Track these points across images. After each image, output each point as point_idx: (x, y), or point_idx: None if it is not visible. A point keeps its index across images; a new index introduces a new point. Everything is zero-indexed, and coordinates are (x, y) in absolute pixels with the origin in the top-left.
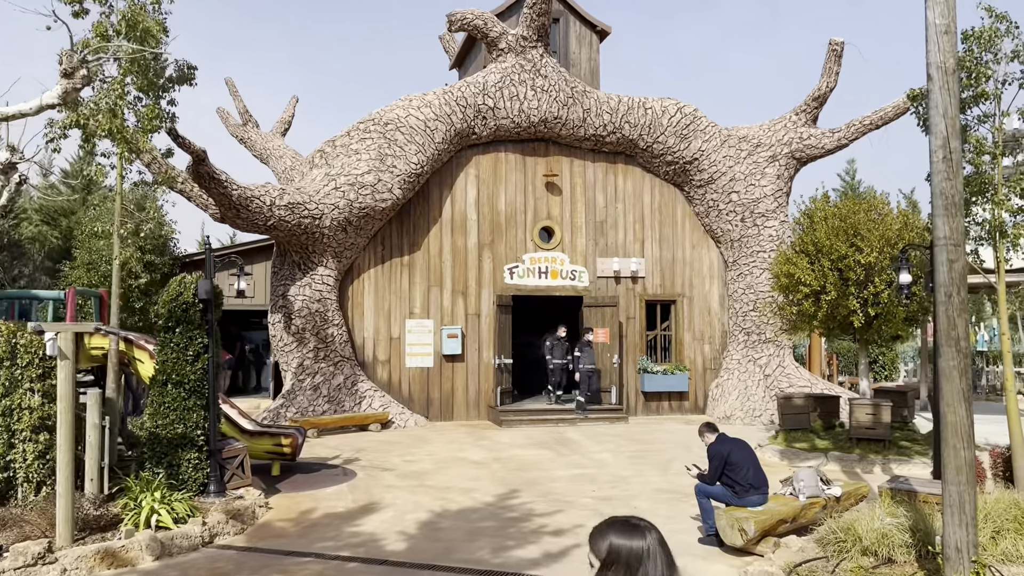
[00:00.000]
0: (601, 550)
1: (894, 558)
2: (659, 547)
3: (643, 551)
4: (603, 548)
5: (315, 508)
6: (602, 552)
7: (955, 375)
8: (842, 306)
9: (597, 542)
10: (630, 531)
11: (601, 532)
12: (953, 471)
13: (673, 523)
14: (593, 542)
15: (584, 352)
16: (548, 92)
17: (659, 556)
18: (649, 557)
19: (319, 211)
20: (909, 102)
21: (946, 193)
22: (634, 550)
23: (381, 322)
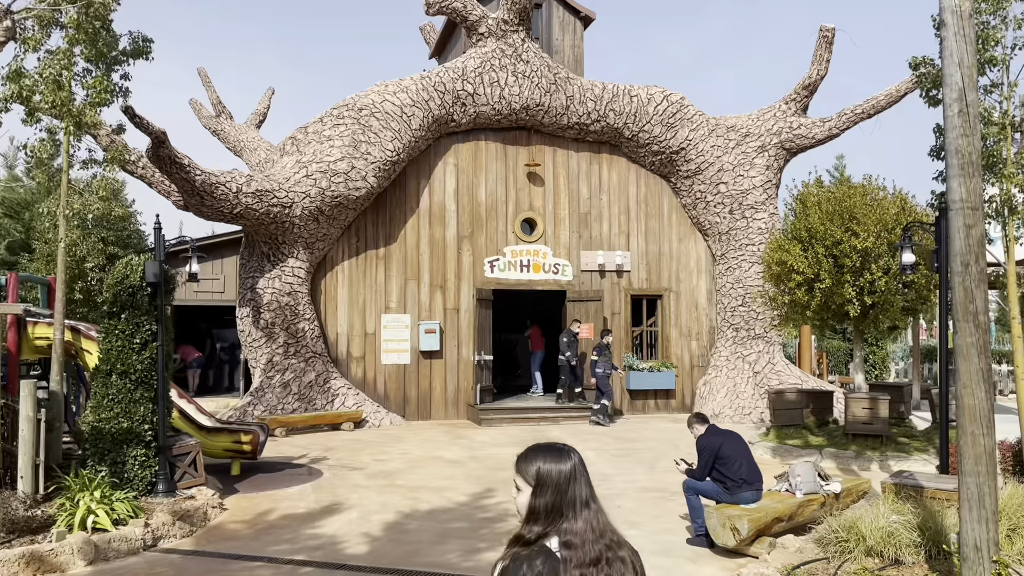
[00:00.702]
0: (530, 474)
1: (902, 559)
2: (583, 468)
3: (571, 472)
4: (532, 472)
5: (273, 509)
6: (531, 476)
7: (973, 353)
8: (837, 294)
9: (525, 467)
10: (557, 454)
11: (527, 458)
12: (971, 461)
13: (660, 522)
14: (520, 467)
15: (603, 355)
16: (530, 78)
17: (583, 477)
18: (575, 478)
19: (289, 199)
20: (911, 70)
21: (962, 151)
22: (563, 472)
23: (355, 317)
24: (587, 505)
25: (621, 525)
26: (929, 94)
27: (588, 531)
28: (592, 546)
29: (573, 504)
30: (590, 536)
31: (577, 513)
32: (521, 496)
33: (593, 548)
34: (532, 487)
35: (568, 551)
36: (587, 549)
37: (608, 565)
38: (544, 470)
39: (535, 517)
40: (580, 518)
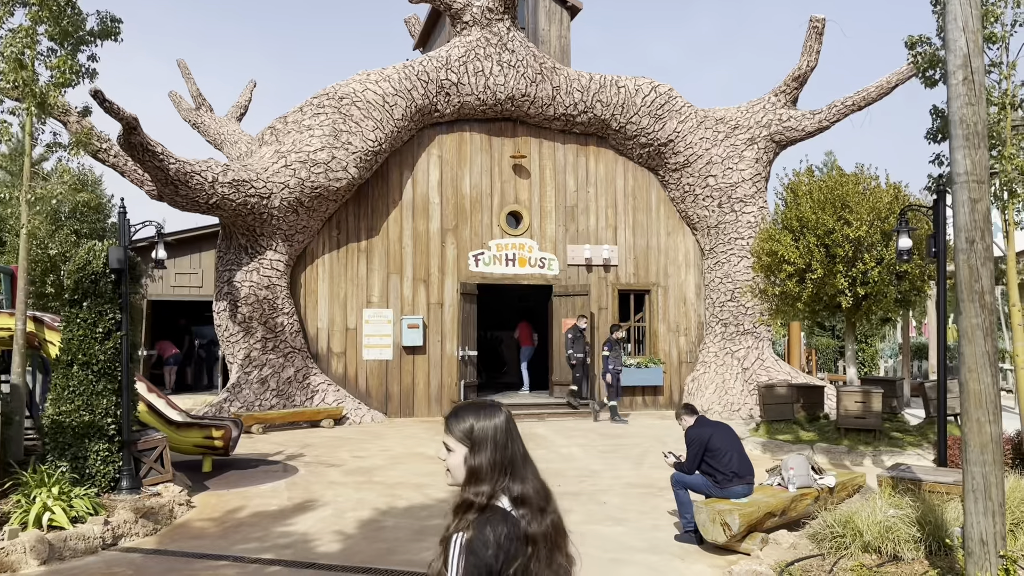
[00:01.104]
0: (463, 432)
1: (900, 555)
2: (514, 423)
3: (506, 426)
4: (465, 430)
5: (244, 506)
6: (464, 434)
7: (978, 335)
8: (829, 285)
9: (456, 425)
10: (488, 409)
11: (458, 416)
12: (977, 449)
13: (647, 519)
14: (451, 427)
15: (613, 351)
16: (515, 68)
17: (516, 432)
18: (511, 433)
19: (267, 190)
20: (907, 50)
21: (967, 121)
22: (498, 427)
23: (336, 311)
24: (526, 460)
25: (607, 521)
26: (926, 74)
27: (535, 486)
28: (541, 501)
29: (514, 460)
30: (540, 490)
31: (520, 468)
32: (454, 457)
33: (542, 503)
34: (468, 446)
35: (522, 508)
36: (538, 504)
37: (557, 522)
38: (479, 427)
39: (478, 477)
40: (526, 473)
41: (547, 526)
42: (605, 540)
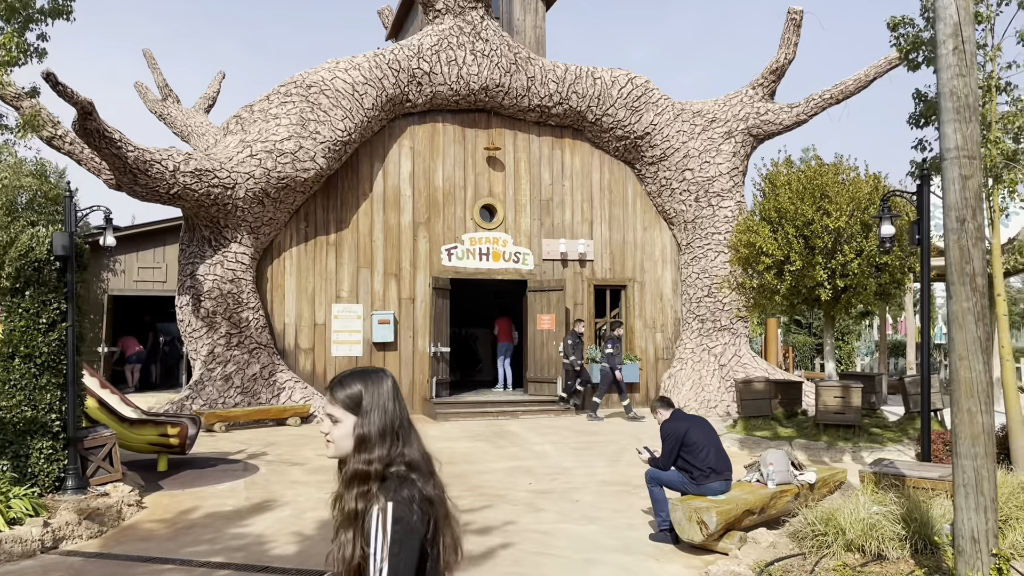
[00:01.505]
0: (351, 399)
1: (884, 553)
2: (399, 389)
3: (392, 392)
4: (353, 397)
5: (198, 507)
6: (352, 402)
7: (969, 320)
8: (808, 277)
9: (342, 393)
10: (374, 375)
11: (343, 384)
12: (967, 441)
13: (621, 517)
14: (337, 395)
15: (617, 348)
16: (489, 57)
17: (401, 396)
18: (397, 398)
19: (231, 180)
20: (889, 31)
21: (957, 93)
22: (386, 392)
23: (304, 306)
24: (412, 425)
25: (580, 520)
26: (908, 57)
27: (420, 451)
28: (429, 466)
29: (404, 425)
30: (426, 456)
31: (409, 434)
32: (342, 428)
33: (430, 467)
34: (357, 414)
35: (415, 473)
36: (427, 468)
37: (443, 488)
38: (368, 393)
39: (371, 445)
40: (413, 438)
41: (440, 490)
42: (577, 539)
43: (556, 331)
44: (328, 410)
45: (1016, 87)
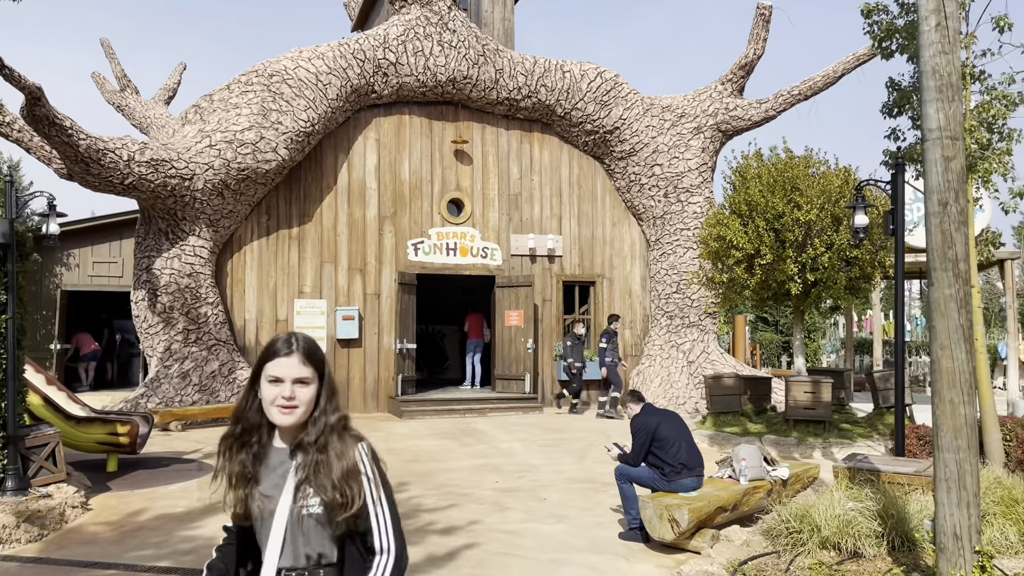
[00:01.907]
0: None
1: (861, 551)
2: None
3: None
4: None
5: (147, 508)
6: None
7: (952, 308)
8: (778, 271)
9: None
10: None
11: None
12: (949, 434)
13: (590, 515)
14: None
15: (611, 343)
16: (457, 48)
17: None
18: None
19: (189, 171)
20: (863, 18)
21: (940, 71)
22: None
23: (265, 302)
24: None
25: (547, 519)
26: (882, 45)
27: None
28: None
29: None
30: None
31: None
32: (311, 389)
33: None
34: (321, 373)
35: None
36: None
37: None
38: (322, 353)
39: (334, 399)
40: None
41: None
42: (544, 539)
43: (524, 328)
44: (299, 374)
45: (990, 76)
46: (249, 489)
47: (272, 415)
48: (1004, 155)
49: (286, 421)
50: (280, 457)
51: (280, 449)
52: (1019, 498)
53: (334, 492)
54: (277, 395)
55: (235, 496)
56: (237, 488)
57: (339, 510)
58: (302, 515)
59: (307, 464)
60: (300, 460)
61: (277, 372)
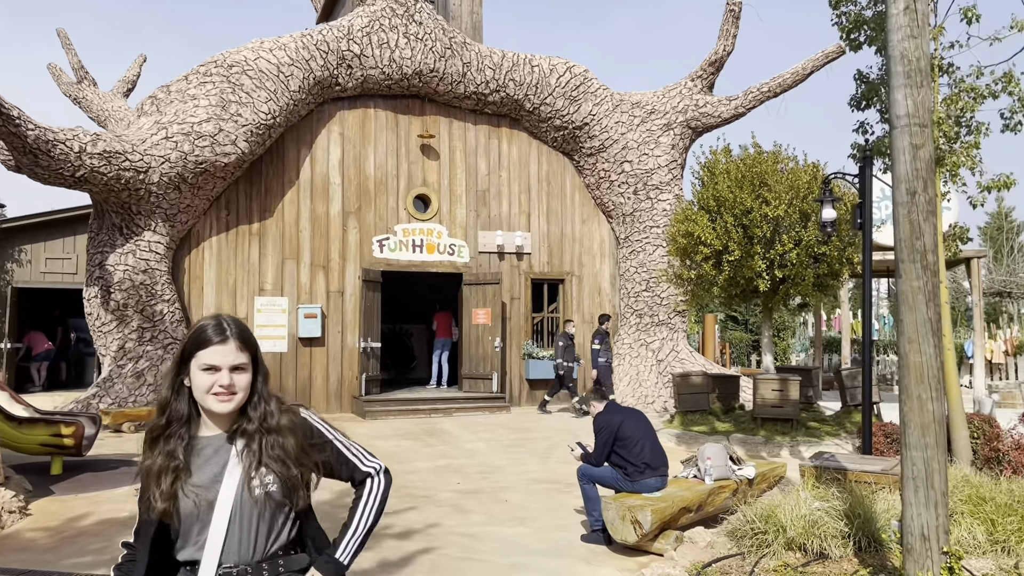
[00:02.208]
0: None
1: (827, 552)
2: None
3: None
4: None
5: (90, 513)
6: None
7: (920, 300)
8: (746, 268)
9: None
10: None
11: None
12: (917, 431)
13: (552, 517)
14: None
15: (604, 343)
16: (423, 41)
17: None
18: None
19: (144, 164)
20: (831, 9)
21: (908, 56)
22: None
23: (224, 299)
24: None
25: (508, 522)
26: (850, 37)
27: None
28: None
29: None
30: None
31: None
32: (248, 375)
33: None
34: (256, 356)
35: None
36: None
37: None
38: (253, 334)
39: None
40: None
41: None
42: (504, 543)
43: (492, 326)
44: (237, 361)
45: (958, 68)
46: (181, 483)
47: (208, 404)
48: (972, 148)
49: (225, 409)
50: (214, 445)
51: (213, 437)
52: (987, 497)
53: (296, 466)
54: (214, 383)
55: (164, 492)
56: (164, 483)
57: (300, 487)
58: (256, 497)
59: (257, 447)
60: (246, 444)
61: (213, 360)
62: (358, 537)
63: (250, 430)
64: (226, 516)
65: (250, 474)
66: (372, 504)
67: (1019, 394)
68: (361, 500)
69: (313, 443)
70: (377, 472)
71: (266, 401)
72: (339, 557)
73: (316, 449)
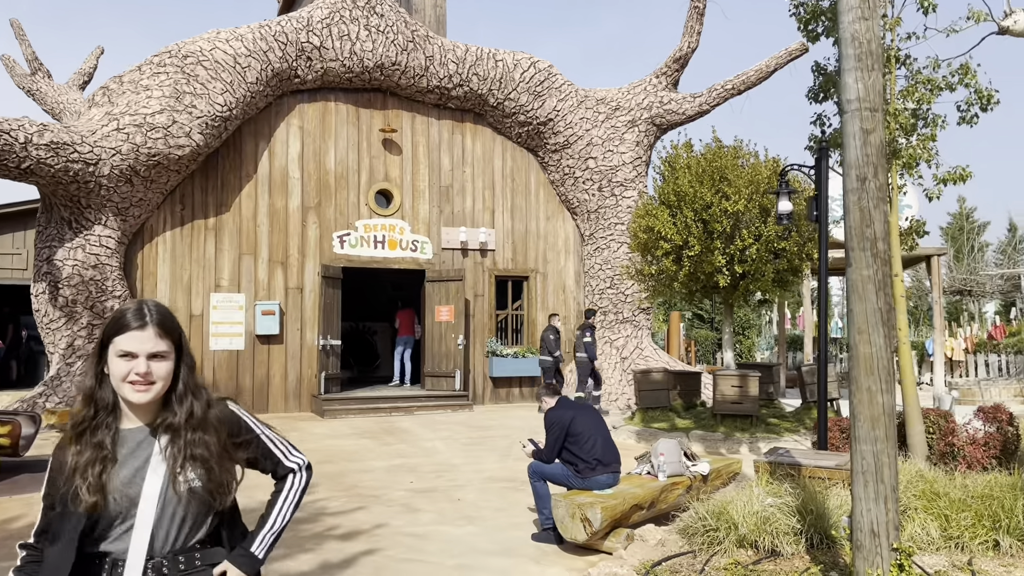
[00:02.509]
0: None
1: (779, 549)
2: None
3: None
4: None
5: (23, 516)
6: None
7: (870, 290)
8: (706, 263)
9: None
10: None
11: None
12: (866, 424)
13: (504, 516)
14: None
15: (594, 338)
16: (385, 33)
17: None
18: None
19: (94, 155)
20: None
21: (859, 37)
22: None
23: (179, 296)
24: None
25: (458, 521)
26: (808, 28)
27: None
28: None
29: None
30: None
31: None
32: (168, 363)
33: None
34: (181, 345)
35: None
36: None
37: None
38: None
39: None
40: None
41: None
42: (452, 543)
43: (455, 323)
44: (156, 348)
45: (915, 60)
46: (108, 475)
47: (124, 393)
48: (928, 140)
49: (141, 400)
50: (137, 438)
51: (135, 430)
52: (941, 492)
53: (221, 465)
54: (129, 371)
55: (92, 485)
56: (92, 475)
57: (224, 485)
58: (180, 493)
59: (183, 444)
60: (171, 440)
61: (129, 347)
62: (274, 532)
63: (175, 424)
64: (152, 511)
65: (175, 471)
66: (291, 500)
67: (978, 391)
68: (281, 495)
69: (239, 440)
70: (300, 468)
71: (193, 393)
72: (254, 551)
73: (242, 447)
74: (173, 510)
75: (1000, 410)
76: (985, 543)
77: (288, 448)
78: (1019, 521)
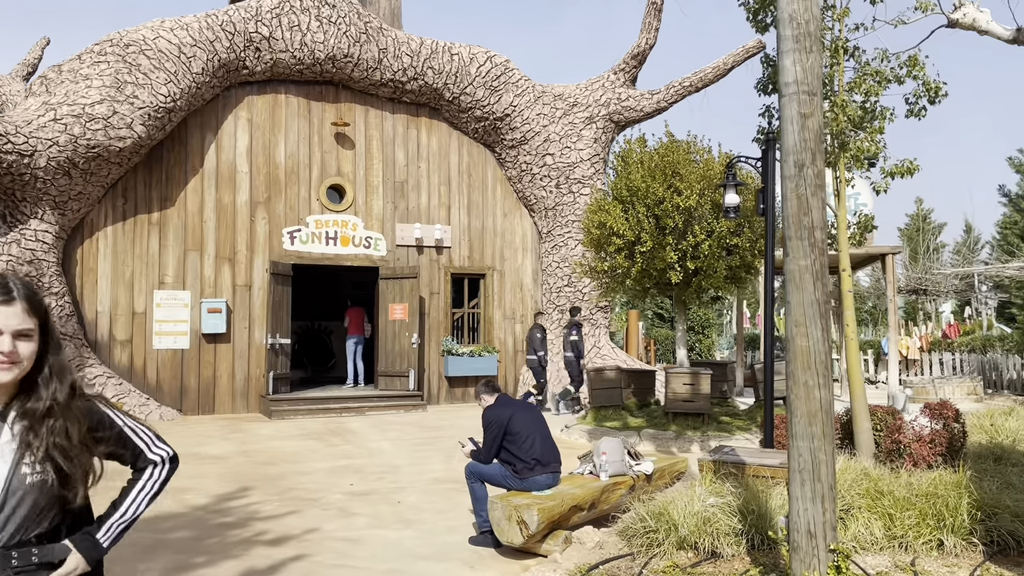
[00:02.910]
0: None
1: (719, 551)
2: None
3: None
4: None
5: None
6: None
7: (807, 280)
8: (659, 259)
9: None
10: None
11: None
12: (803, 420)
13: (444, 519)
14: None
15: (581, 337)
16: (336, 24)
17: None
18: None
19: (29, 147)
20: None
21: (797, 18)
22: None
23: (121, 293)
24: None
25: (395, 524)
26: (757, 18)
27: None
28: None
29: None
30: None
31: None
32: (33, 343)
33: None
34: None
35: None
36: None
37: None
38: (45, 300)
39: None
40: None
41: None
42: (386, 547)
43: (409, 322)
44: (22, 326)
45: (864, 51)
46: None
47: None
48: (876, 133)
49: (4, 379)
50: None
51: None
52: (885, 490)
53: (78, 458)
54: None
55: None
56: None
57: (78, 481)
58: (28, 484)
59: (40, 431)
60: (28, 426)
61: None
62: (124, 521)
63: (35, 409)
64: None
65: (25, 458)
66: (148, 491)
67: (932, 389)
68: (137, 485)
69: (99, 435)
70: (163, 460)
71: (58, 378)
72: (100, 537)
73: (101, 442)
74: (15, 499)
75: (946, 407)
76: (929, 542)
77: (153, 440)
78: (963, 520)
